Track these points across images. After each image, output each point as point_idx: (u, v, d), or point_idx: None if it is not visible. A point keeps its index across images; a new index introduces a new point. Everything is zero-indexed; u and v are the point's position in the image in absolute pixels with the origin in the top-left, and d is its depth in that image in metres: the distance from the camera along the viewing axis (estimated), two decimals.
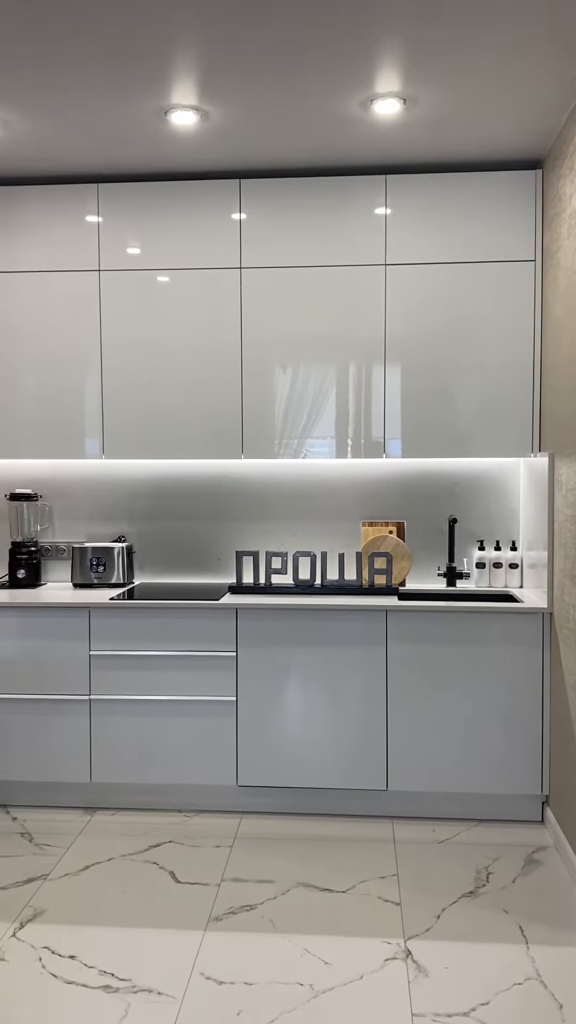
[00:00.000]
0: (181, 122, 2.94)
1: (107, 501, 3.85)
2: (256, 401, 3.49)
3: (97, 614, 3.33)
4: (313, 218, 3.43)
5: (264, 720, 3.27)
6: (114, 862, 2.96)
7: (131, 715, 3.31)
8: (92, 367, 3.54)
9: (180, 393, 3.52)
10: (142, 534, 3.85)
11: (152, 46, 2.43)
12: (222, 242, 3.47)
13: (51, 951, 2.44)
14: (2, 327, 3.55)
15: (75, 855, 3.01)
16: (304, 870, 2.90)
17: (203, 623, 3.29)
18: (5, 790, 3.42)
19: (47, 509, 3.86)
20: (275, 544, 3.79)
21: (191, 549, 3.83)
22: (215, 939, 2.50)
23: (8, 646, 3.34)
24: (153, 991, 2.26)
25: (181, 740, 3.30)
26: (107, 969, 2.36)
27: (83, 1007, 2.19)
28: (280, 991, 2.25)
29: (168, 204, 3.48)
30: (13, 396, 3.57)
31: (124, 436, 3.55)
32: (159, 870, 2.91)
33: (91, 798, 3.40)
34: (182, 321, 3.50)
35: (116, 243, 3.51)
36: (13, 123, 2.96)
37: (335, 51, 2.46)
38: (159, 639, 3.30)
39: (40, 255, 3.53)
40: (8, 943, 2.48)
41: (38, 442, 3.57)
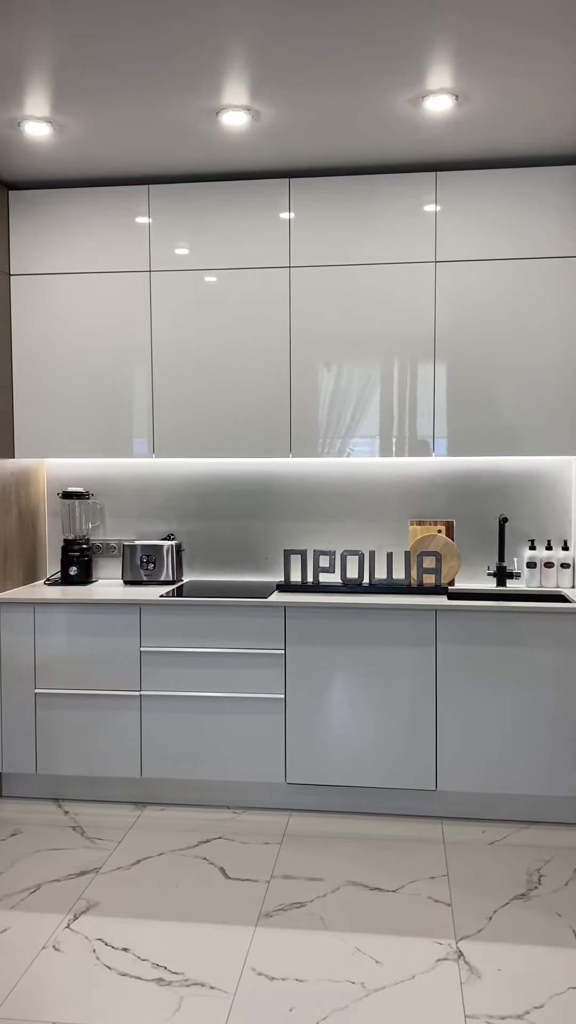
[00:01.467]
0: (232, 122, 2.96)
1: (156, 500, 3.89)
2: (304, 400, 3.50)
3: (148, 611, 3.36)
4: (362, 216, 3.43)
5: (312, 718, 3.28)
6: (164, 857, 2.99)
7: (181, 711, 3.34)
8: (142, 367, 3.58)
9: (229, 392, 3.54)
10: (191, 532, 3.88)
11: (204, 47, 2.44)
12: (271, 241, 3.48)
13: (104, 943, 2.48)
14: (54, 328, 3.61)
15: (126, 849, 3.05)
16: (353, 869, 2.90)
17: (252, 621, 3.30)
18: (57, 784, 3.48)
19: (98, 507, 3.91)
20: (322, 543, 3.79)
21: (239, 547, 3.85)
22: (266, 935, 2.51)
23: (60, 642, 3.39)
24: (205, 985, 2.28)
25: (230, 737, 3.32)
26: (160, 962, 2.38)
27: (137, 999, 2.22)
28: (332, 988, 2.26)
29: (218, 204, 3.50)
30: (65, 396, 3.62)
31: (174, 435, 3.58)
32: (209, 865, 2.93)
33: (141, 793, 3.44)
34: (231, 320, 3.52)
35: (166, 244, 3.54)
36: (67, 126, 3.01)
37: (387, 49, 2.46)
38: (209, 636, 3.32)
39: (92, 257, 3.58)
40: (63, 934, 2.52)
41: (89, 442, 3.62)
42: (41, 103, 2.81)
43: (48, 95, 2.76)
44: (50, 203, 3.58)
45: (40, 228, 3.59)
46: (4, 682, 3.42)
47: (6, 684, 3.42)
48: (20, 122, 2.95)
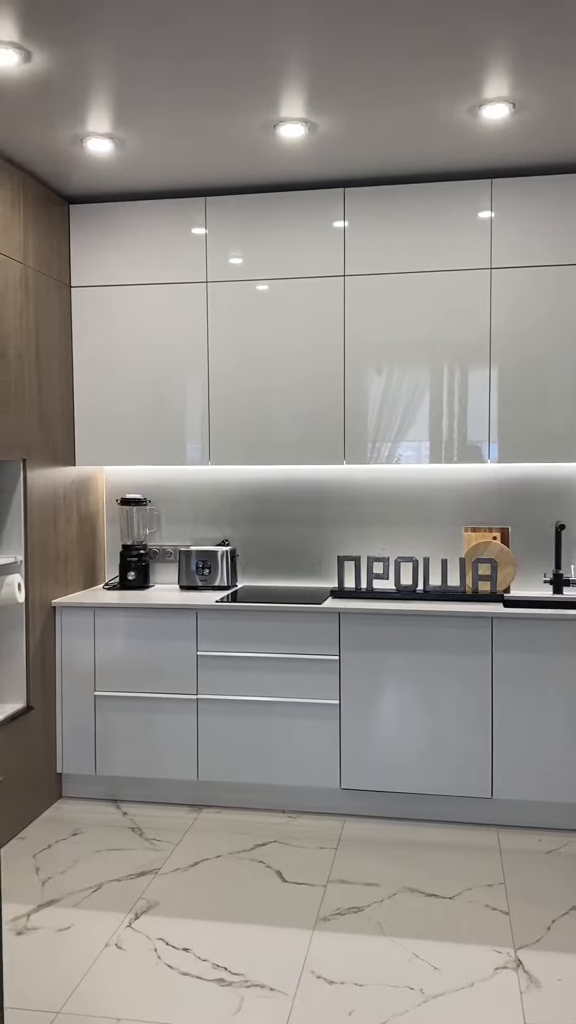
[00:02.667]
0: (289, 135, 3.00)
1: (211, 506, 3.94)
2: (358, 408, 3.52)
3: (204, 615, 3.41)
4: (417, 224, 3.44)
5: (367, 724, 3.30)
6: (222, 859, 3.04)
7: (236, 715, 3.38)
8: (199, 377, 3.64)
9: (283, 401, 3.58)
10: (244, 538, 3.92)
11: (262, 63, 2.49)
12: (326, 251, 3.51)
13: (165, 943, 2.53)
14: (113, 339, 3.69)
15: (184, 851, 3.10)
16: (409, 875, 2.91)
17: (307, 627, 3.33)
18: (116, 785, 3.55)
19: (155, 514, 3.98)
20: (375, 549, 3.80)
21: (292, 553, 3.89)
22: (324, 939, 2.53)
23: (119, 645, 3.46)
24: (266, 987, 2.31)
25: (285, 741, 3.35)
26: (220, 963, 2.42)
27: (199, 998, 2.26)
28: (390, 994, 2.27)
29: (273, 215, 3.54)
30: (123, 406, 3.70)
31: (229, 443, 3.63)
32: (266, 869, 2.96)
33: (197, 795, 3.49)
34: (286, 329, 3.56)
35: (223, 254, 3.60)
36: (127, 142, 3.08)
37: (446, 60, 2.47)
38: (264, 641, 3.36)
39: (149, 268, 3.65)
40: (125, 932, 2.58)
41: (146, 449, 3.69)
42: (103, 120, 2.89)
43: (110, 112, 2.83)
44: (109, 216, 3.66)
45: (99, 241, 3.68)
46: (65, 684, 3.50)
47: (67, 686, 3.50)
48: (83, 139, 3.03)
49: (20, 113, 2.82)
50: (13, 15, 2.23)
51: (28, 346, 3.33)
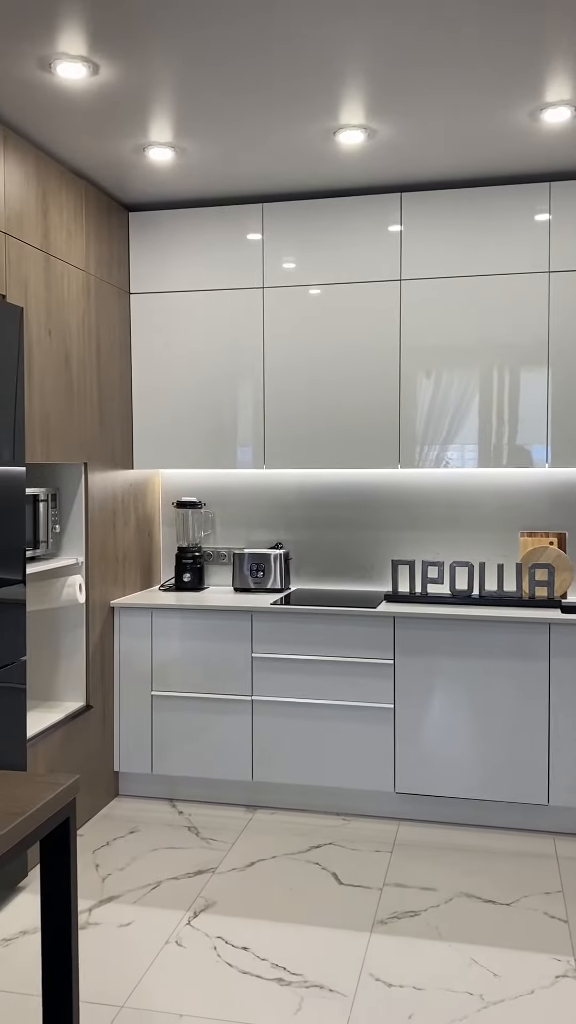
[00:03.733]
0: (349, 141, 3.01)
1: (265, 509, 3.97)
2: (412, 412, 3.53)
3: (259, 618, 3.45)
4: (475, 227, 3.43)
5: (422, 728, 3.30)
6: (278, 860, 3.06)
7: (291, 717, 3.41)
8: (254, 382, 3.67)
9: (338, 405, 3.59)
10: (298, 541, 3.95)
11: (322, 72, 2.51)
12: (382, 255, 3.52)
13: (224, 941, 2.56)
14: (170, 345, 3.74)
15: (240, 851, 3.13)
16: (466, 880, 2.91)
17: (361, 630, 3.35)
18: (171, 784, 3.60)
19: (210, 517, 4.03)
20: (427, 553, 3.80)
21: (344, 556, 3.90)
22: (381, 942, 2.55)
23: (175, 646, 3.51)
24: (325, 988, 2.33)
25: (339, 744, 3.37)
26: (279, 963, 2.45)
27: (259, 997, 2.29)
28: (450, 999, 2.28)
29: (329, 220, 3.56)
30: (179, 410, 3.75)
31: (284, 447, 3.66)
32: (322, 871, 2.98)
33: (252, 796, 3.53)
34: (341, 334, 3.58)
35: (279, 260, 3.63)
36: (188, 150, 3.12)
37: (507, 65, 2.47)
38: (318, 644, 3.38)
39: (206, 274, 3.69)
40: (184, 930, 2.62)
41: (202, 453, 3.74)
42: (165, 130, 2.94)
43: (172, 122, 2.88)
44: (167, 223, 3.72)
45: (157, 248, 3.73)
46: (122, 684, 3.56)
47: (124, 686, 3.56)
48: (145, 148, 3.09)
49: (86, 124, 2.88)
50: (83, 30, 2.29)
51: (90, 353, 3.39)
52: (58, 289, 3.15)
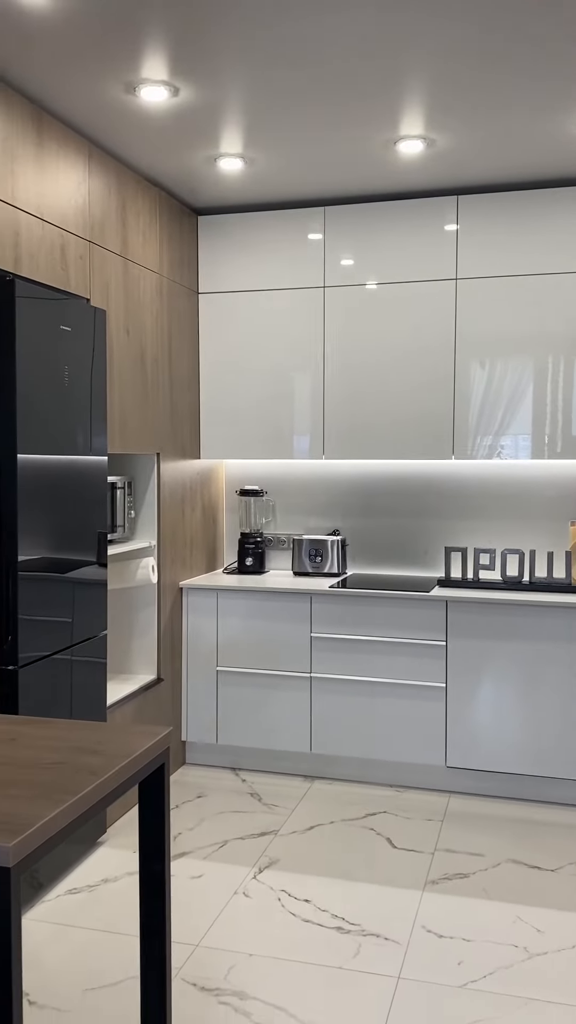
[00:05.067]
0: (408, 151, 3.19)
1: (323, 498, 4.18)
2: (466, 405, 3.69)
3: (318, 600, 3.66)
4: (529, 228, 3.58)
5: (473, 706, 3.48)
6: (335, 825, 3.28)
7: (347, 694, 3.62)
8: (315, 377, 3.87)
9: (395, 399, 3.78)
10: (354, 528, 4.15)
11: (384, 87, 2.68)
12: (439, 255, 3.69)
13: (287, 894, 2.79)
14: (235, 342, 3.96)
15: (300, 816, 3.36)
16: (513, 847, 3.09)
17: (415, 613, 3.54)
18: (235, 755, 3.84)
19: (271, 504, 4.25)
20: (480, 541, 3.97)
21: (399, 543, 4.09)
22: (433, 899, 2.75)
23: (237, 625, 3.74)
24: (380, 936, 2.55)
25: (393, 720, 3.57)
26: (338, 914, 2.67)
27: (321, 942, 2.51)
28: (496, 950, 2.47)
29: (388, 222, 3.74)
30: (245, 404, 3.97)
31: (342, 439, 3.86)
32: (376, 835, 3.19)
33: (310, 767, 3.75)
34: (399, 331, 3.76)
35: (340, 260, 3.82)
36: (257, 160, 3.33)
37: (564, 72, 2.62)
38: (374, 625, 3.58)
39: (270, 275, 3.90)
40: (250, 884, 2.85)
41: (265, 444, 3.96)
42: (236, 142, 3.14)
43: (242, 136, 3.08)
44: (233, 226, 3.93)
45: (224, 249, 3.95)
46: (190, 659, 3.81)
47: (192, 661, 3.81)
48: (216, 159, 3.30)
49: (163, 139, 3.10)
50: (165, 58, 2.50)
51: (163, 351, 3.63)
52: (135, 291, 3.39)
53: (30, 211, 2.71)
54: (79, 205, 2.99)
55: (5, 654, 2.56)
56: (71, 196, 2.94)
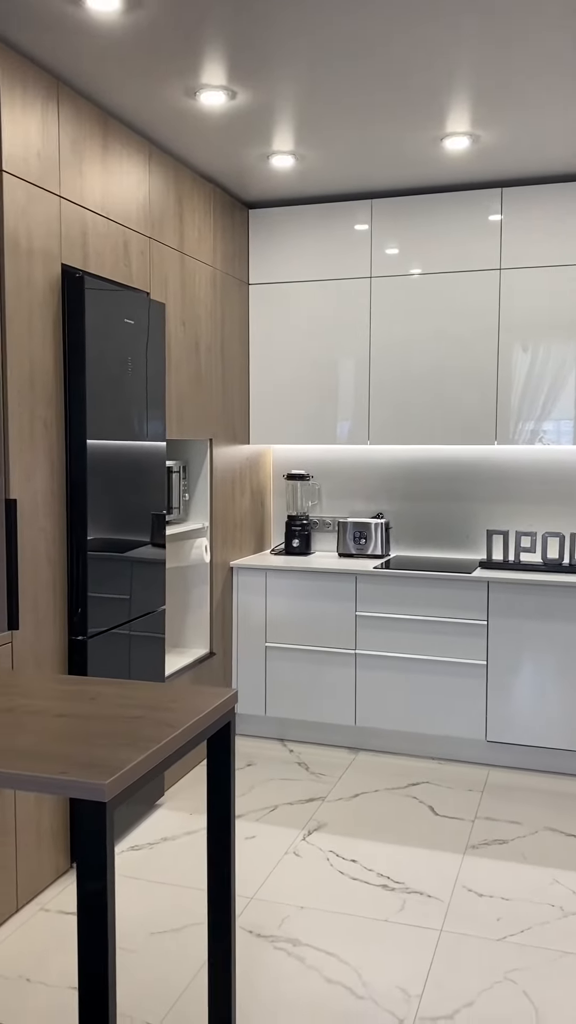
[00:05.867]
0: (454, 147, 3.30)
1: (367, 482, 4.32)
2: (509, 392, 3.80)
3: (363, 580, 3.81)
4: (571, 219, 3.66)
5: (513, 683, 3.61)
6: (379, 793, 3.45)
7: (391, 670, 3.77)
8: (361, 364, 4.01)
9: (439, 387, 3.90)
10: (397, 512, 4.28)
11: (432, 88, 2.80)
12: (483, 246, 3.79)
13: (335, 854, 2.96)
14: (283, 331, 4.11)
15: (345, 784, 3.53)
16: (551, 817, 3.23)
17: (457, 593, 3.67)
18: (283, 726, 4.02)
19: (317, 488, 4.40)
20: (520, 524, 4.08)
21: (441, 526, 4.22)
22: (473, 862, 2.90)
23: (285, 604, 3.91)
24: (424, 894, 2.71)
25: (435, 695, 3.71)
26: (383, 873, 2.84)
27: (367, 898, 2.68)
28: (533, 908, 2.62)
29: (434, 214, 3.85)
30: (292, 391, 4.12)
31: (387, 425, 3.99)
32: (419, 803, 3.35)
33: (355, 739, 3.92)
34: (443, 319, 3.87)
35: (386, 251, 3.94)
36: (307, 157, 3.46)
37: None
38: (417, 605, 3.73)
39: (318, 265, 4.03)
40: (300, 844, 3.03)
41: (311, 430, 4.11)
42: (288, 141, 3.28)
43: (294, 135, 3.21)
44: (283, 219, 4.07)
45: (274, 241, 4.09)
46: (240, 635, 4.00)
47: (242, 637, 3.99)
48: (269, 156, 3.44)
49: (219, 139, 3.25)
50: (224, 64, 2.65)
51: (215, 340, 3.79)
52: (190, 284, 3.55)
53: (96, 210, 2.88)
54: (140, 203, 3.15)
55: (76, 626, 2.76)
56: (133, 194, 3.10)
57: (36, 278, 2.58)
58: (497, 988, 2.26)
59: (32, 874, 2.63)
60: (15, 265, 2.49)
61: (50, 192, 2.64)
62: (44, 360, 2.63)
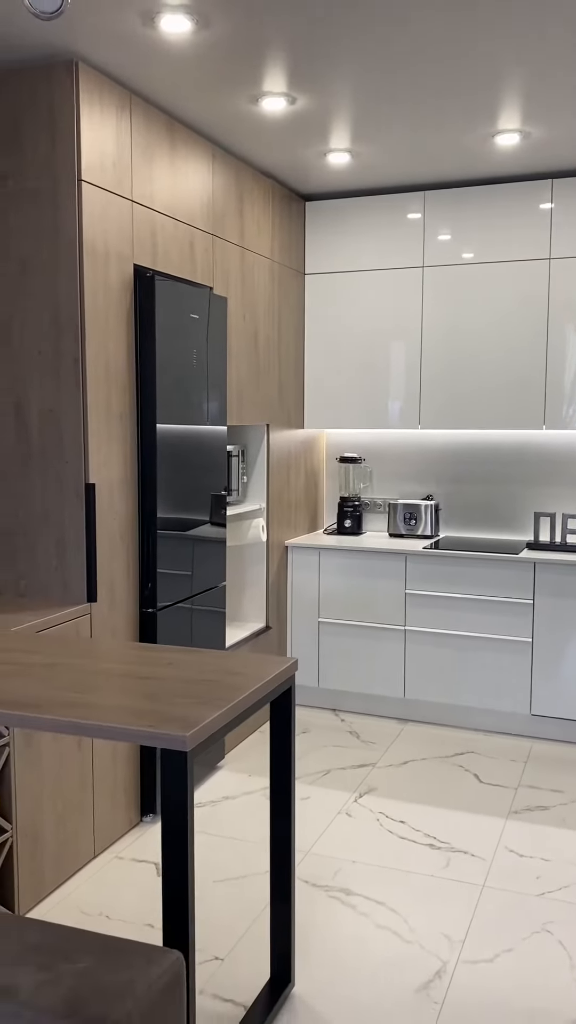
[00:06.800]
0: (505, 143, 3.41)
1: (417, 465, 4.47)
2: (558, 378, 3.91)
3: (412, 560, 3.98)
4: None
5: (558, 660, 3.76)
6: (427, 761, 3.64)
7: (439, 646, 3.94)
8: (412, 351, 4.15)
9: (489, 373, 4.03)
10: (446, 494, 4.43)
11: (482, 89, 2.92)
12: (533, 235, 3.89)
13: (385, 815, 3.17)
14: (338, 319, 4.27)
15: (394, 752, 3.73)
16: None
17: (504, 573, 3.82)
18: (334, 697, 4.23)
19: (368, 471, 4.57)
20: (567, 506, 4.20)
21: (489, 508, 4.36)
22: (515, 826, 3.08)
23: (337, 581, 4.10)
24: (467, 853, 2.90)
25: (481, 670, 3.88)
26: (430, 833, 3.03)
27: (415, 855, 2.89)
28: (572, 868, 2.79)
29: (484, 205, 3.96)
30: (345, 377, 4.28)
31: (438, 409, 4.13)
32: (464, 771, 3.54)
33: (403, 711, 4.11)
34: (493, 308, 4.00)
35: (437, 241, 4.06)
36: (362, 154, 3.60)
37: None
38: (465, 584, 3.89)
39: (371, 255, 4.18)
40: (352, 806, 3.24)
41: (364, 415, 4.27)
42: (344, 139, 3.42)
43: (350, 134, 3.36)
44: (338, 211, 4.22)
45: (329, 232, 4.24)
46: (295, 611, 4.20)
47: (296, 613, 4.20)
48: (326, 154, 3.59)
49: (280, 139, 3.41)
50: (285, 73, 2.81)
51: (272, 330, 3.97)
52: (250, 277, 3.73)
53: (165, 212, 3.08)
54: (204, 202, 3.33)
55: (147, 599, 2.99)
56: (198, 194, 3.29)
57: (111, 279, 2.79)
58: (535, 938, 2.44)
59: (107, 825, 2.89)
60: (93, 268, 2.70)
61: (123, 197, 2.84)
62: (118, 356, 2.84)
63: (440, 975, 2.28)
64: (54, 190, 2.65)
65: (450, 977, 2.28)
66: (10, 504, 2.83)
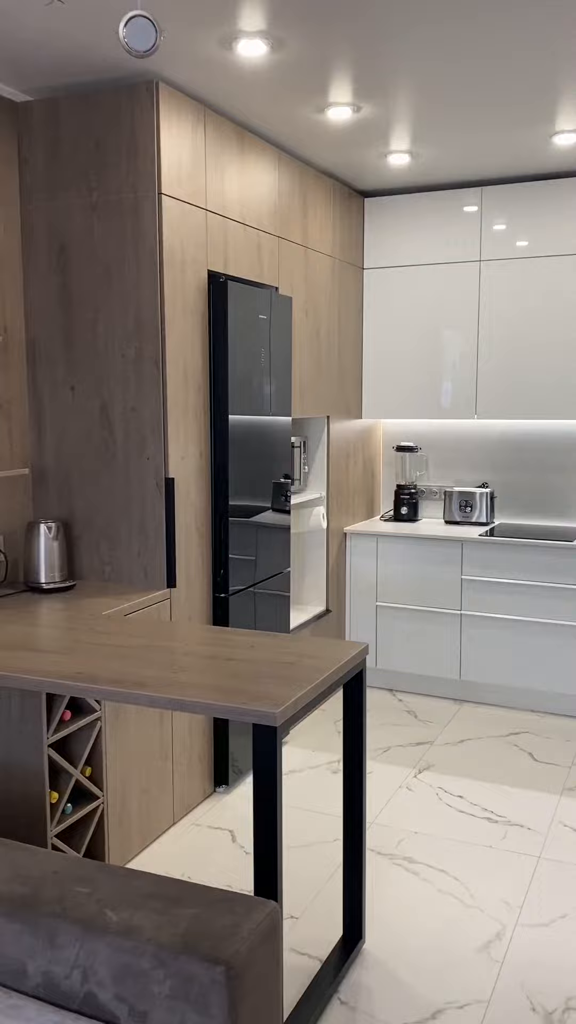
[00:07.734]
0: (564, 142, 3.49)
1: (473, 454, 4.59)
2: None
3: (468, 546, 4.12)
4: None
5: None
6: (483, 740, 3.80)
7: (494, 629, 4.08)
8: (469, 343, 4.27)
9: (545, 364, 4.12)
10: (502, 481, 4.55)
11: (541, 88, 3.01)
12: None
13: (443, 790, 3.34)
14: (396, 313, 4.39)
15: (451, 731, 3.89)
16: None
17: (559, 560, 3.94)
18: (392, 678, 4.40)
19: (424, 459, 4.71)
20: None
21: (545, 496, 4.47)
22: (569, 802, 3.23)
23: (394, 567, 4.26)
24: (523, 827, 3.06)
25: (536, 653, 4.01)
26: (487, 808, 3.20)
27: (473, 828, 3.06)
28: None
29: (541, 200, 4.04)
30: (403, 368, 4.42)
31: (494, 399, 4.25)
32: (519, 750, 3.69)
33: (459, 692, 4.27)
34: (549, 301, 4.09)
35: (494, 235, 4.16)
36: (421, 154, 3.72)
37: None
38: (520, 570, 4.01)
39: (429, 249, 4.29)
40: (412, 781, 3.42)
41: (420, 405, 4.40)
42: (405, 141, 3.54)
43: (411, 136, 3.47)
44: (396, 207, 4.33)
45: (388, 227, 4.36)
46: (353, 595, 4.38)
47: (354, 596, 4.37)
48: (386, 155, 3.71)
49: (342, 143, 3.54)
50: (350, 85, 2.94)
51: (333, 325, 4.12)
52: (312, 276, 3.88)
53: (235, 218, 3.24)
54: (271, 206, 3.49)
55: (219, 584, 3.19)
56: (265, 198, 3.44)
57: (188, 285, 2.97)
58: None
59: (184, 794, 3.11)
60: (172, 275, 2.88)
61: (198, 207, 3.01)
62: (194, 358, 3.02)
63: (500, 936, 2.46)
64: (136, 203, 2.83)
65: (509, 938, 2.45)
66: (96, 497, 3.04)
